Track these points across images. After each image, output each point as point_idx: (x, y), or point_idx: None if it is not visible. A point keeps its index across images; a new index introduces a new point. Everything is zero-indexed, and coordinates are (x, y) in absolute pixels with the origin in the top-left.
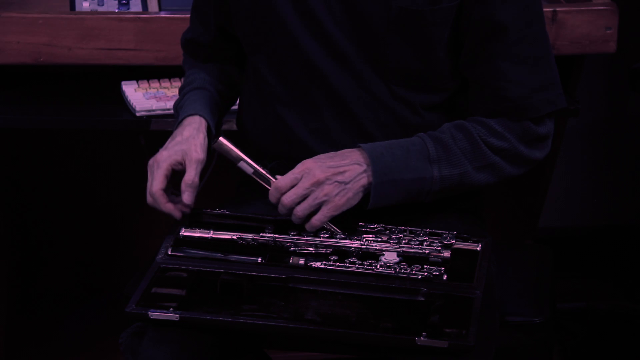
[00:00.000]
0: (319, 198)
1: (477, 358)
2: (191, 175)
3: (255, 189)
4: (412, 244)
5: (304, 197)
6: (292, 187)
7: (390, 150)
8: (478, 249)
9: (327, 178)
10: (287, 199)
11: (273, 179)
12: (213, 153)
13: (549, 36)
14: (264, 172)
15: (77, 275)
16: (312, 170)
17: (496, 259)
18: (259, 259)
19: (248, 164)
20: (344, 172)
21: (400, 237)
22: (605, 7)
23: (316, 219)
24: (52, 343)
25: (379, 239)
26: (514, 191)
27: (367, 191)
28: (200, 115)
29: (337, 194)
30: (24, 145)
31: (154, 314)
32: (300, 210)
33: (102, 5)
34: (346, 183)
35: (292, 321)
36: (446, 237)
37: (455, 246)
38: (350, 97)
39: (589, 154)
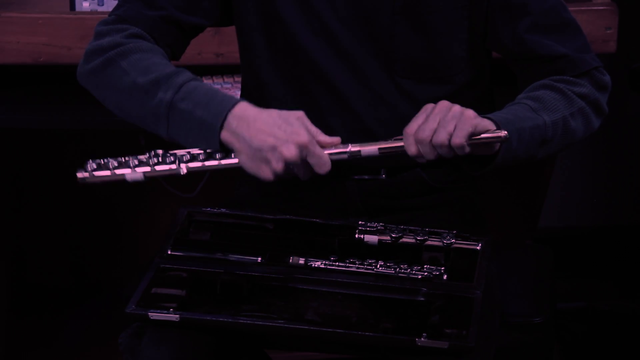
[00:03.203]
0: (453, 117)
1: (477, 358)
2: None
3: (254, 190)
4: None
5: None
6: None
7: (500, 112)
8: (478, 248)
9: (455, 104)
10: (423, 133)
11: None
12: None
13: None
14: (389, 143)
15: (77, 275)
16: (434, 104)
17: (496, 259)
18: (259, 259)
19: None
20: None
21: (400, 235)
22: (605, 7)
23: (456, 138)
24: (52, 343)
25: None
26: (514, 191)
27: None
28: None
29: (467, 110)
30: (24, 145)
31: (154, 315)
32: (440, 137)
33: (102, 5)
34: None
35: (292, 321)
36: (446, 236)
37: (455, 245)
38: (352, 93)
39: (589, 154)
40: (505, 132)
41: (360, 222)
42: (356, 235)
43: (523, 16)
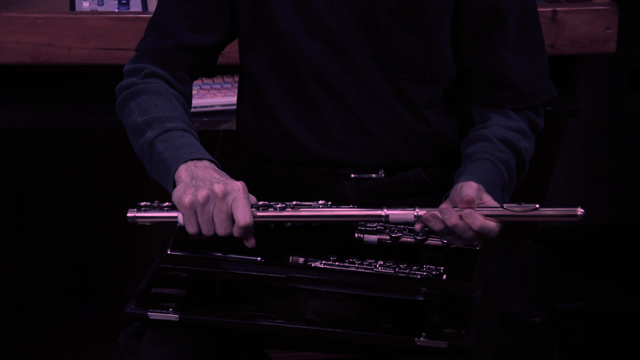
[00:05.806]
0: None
1: (476, 358)
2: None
3: (254, 190)
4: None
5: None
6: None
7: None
8: (477, 248)
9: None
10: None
11: None
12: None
13: (540, 25)
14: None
15: (77, 275)
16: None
17: (496, 259)
18: (259, 259)
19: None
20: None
21: (400, 235)
22: (605, 7)
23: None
24: (52, 343)
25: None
26: (513, 191)
27: None
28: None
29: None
30: (24, 145)
31: (153, 315)
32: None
33: (102, 5)
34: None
35: (292, 321)
36: None
37: (455, 245)
38: (350, 94)
39: (589, 154)
40: (582, 210)
41: (360, 222)
42: (356, 235)
43: (500, 28)
